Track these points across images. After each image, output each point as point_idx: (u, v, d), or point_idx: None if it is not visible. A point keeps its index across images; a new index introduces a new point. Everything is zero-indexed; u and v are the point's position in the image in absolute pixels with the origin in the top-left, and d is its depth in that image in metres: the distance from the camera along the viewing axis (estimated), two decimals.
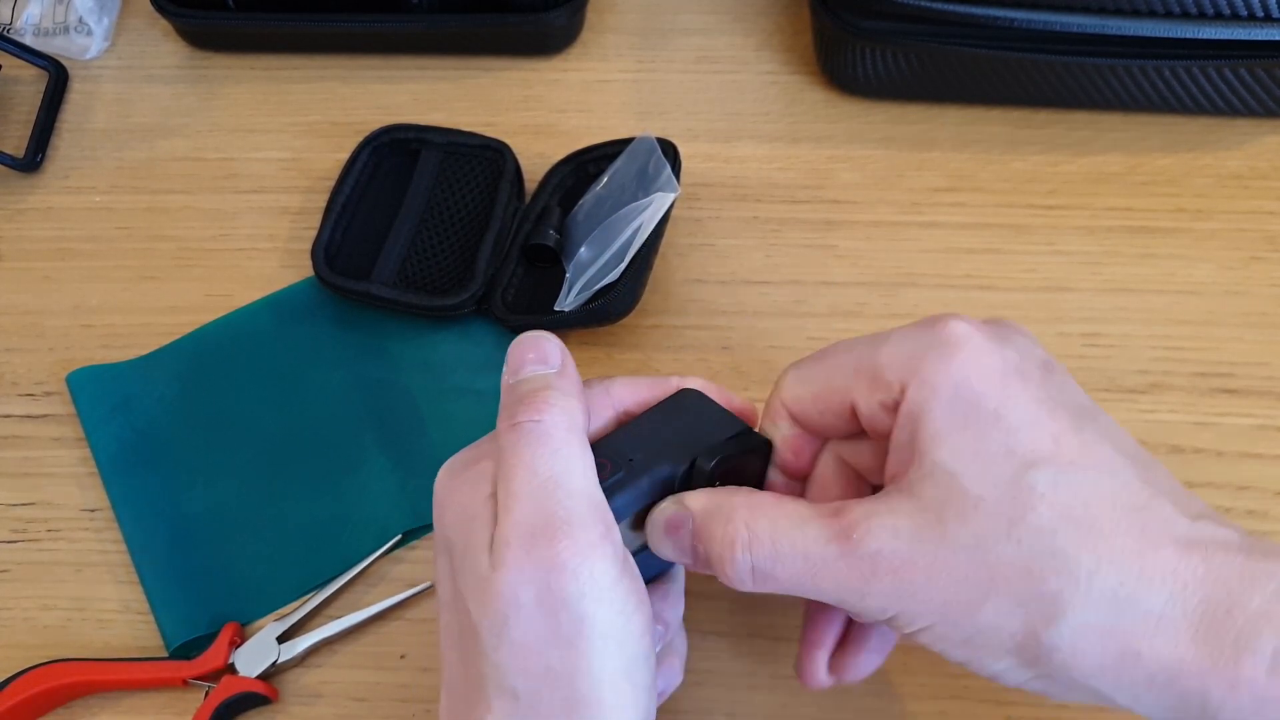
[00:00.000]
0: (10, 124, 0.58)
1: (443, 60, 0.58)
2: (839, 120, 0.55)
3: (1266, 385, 0.47)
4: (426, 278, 0.51)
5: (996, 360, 0.30)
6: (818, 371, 0.34)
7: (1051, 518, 0.28)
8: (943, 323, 0.31)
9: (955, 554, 0.29)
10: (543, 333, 0.34)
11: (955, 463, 0.29)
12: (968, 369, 0.30)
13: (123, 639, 0.45)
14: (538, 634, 0.30)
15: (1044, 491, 0.28)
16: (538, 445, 0.31)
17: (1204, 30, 0.48)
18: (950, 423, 0.30)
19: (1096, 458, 0.29)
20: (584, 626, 0.29)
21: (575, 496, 0.31)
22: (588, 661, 0.30)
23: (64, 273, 0.53)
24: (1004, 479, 0.29)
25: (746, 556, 0.31)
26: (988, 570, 0.28)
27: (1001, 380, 0.30)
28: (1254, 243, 0.51)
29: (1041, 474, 0.29)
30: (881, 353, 0.32)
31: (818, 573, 0.30)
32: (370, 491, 0.47)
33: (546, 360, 0.33)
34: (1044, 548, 0.28)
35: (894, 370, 0.31)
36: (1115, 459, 0.30)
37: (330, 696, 0.43)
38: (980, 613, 0.29)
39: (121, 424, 0.49)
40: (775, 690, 0.42)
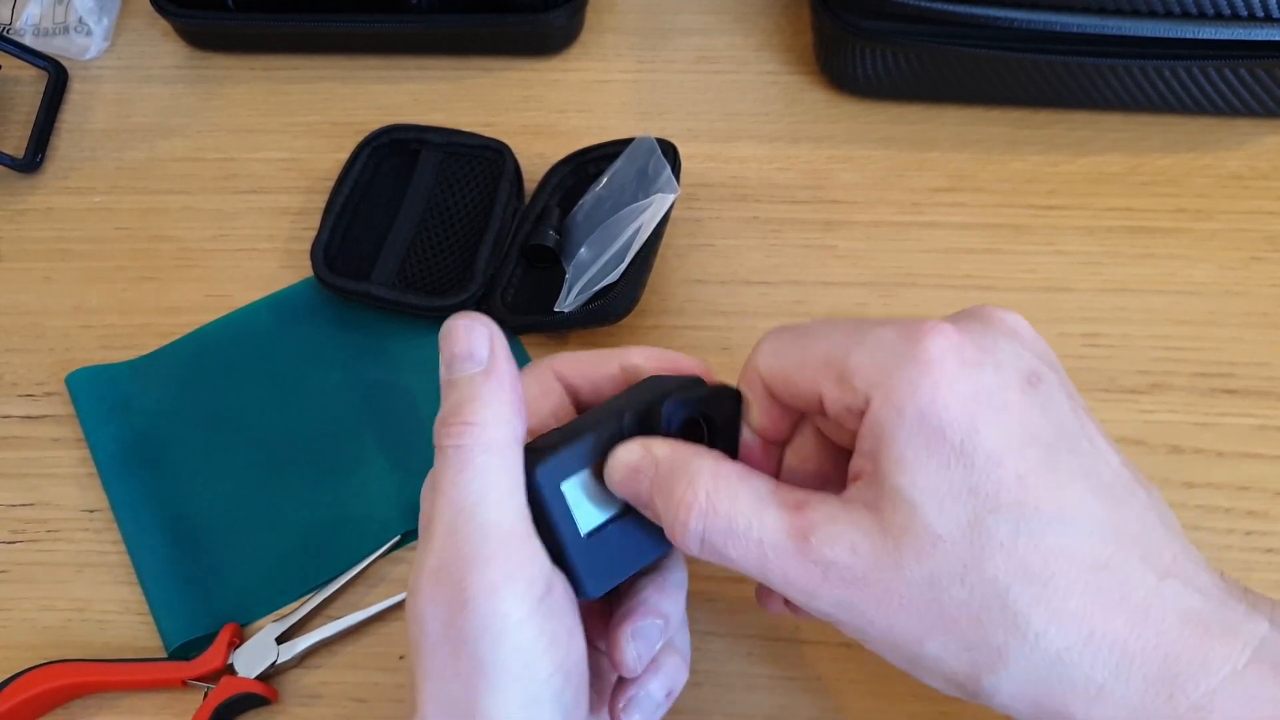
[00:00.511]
0: (10, 124, 0.58)
1: (442, 60, 0.58)
2: (839, 120, 0.55)
3: (1266, 385, 0.47)
4: (426, 278, 0.51)
5: (969, 387, 0.28)
6: (793, 352, 0.32)
7: (1007, 570, 0.27)
8: (919, 336, 0.29)
9: (908, 587, 0.28)
10: (470, 320, 0.32)
11: (916, 493, 0.28)
12: (936, 395, 0.28)
13: (122, 640, 0.45)
14: (442, 665, 0.30)
15: (1003, 540, 0.27)
16: (455, 472, 0.30)
17: (1204, 30, 0.48)
18: (914, 450, 0.28)
19: (1064, 501, 0.28)
20: (481, 665, 0.29)
21: (486, 529, 0.30)
22: (484, 699, 0.29)
23: (64, 273, 0.53)
24: (964, 521, 0.27)
25: (699, 525, 0.30)
26: (938, 609, 0.28)
27: (971, 409, 0.28)
28: (1254, 243, 0.51)
29: (1003, 521, 0.27)
30: (853, 356, 0.30)
31: (769, 562, 0.29)
32: (370, 492, 0.47)
33: (473, 355, 0.31)
34: (996, 600, 0.27)
35: (862, 378, 0.29)
36: (1085, 502, 0.28)
37: (330, 697, 0.43)
38: (925, 645, 0.28)
39: (121, 424, 0.49)
40: (774, 690, 0.42)
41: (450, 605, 0.30)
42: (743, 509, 0.30)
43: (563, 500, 0.32)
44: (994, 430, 0.28)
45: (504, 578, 0.30)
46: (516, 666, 0.30)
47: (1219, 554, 0.44)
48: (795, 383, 0.32)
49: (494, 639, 0.29)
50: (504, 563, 0.30)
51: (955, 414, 0.28)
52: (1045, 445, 0.28)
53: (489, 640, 0.29)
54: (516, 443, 0.31)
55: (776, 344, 0.33)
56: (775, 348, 0.33)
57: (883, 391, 0.29)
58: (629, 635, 0.33)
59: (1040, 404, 0.29)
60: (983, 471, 0.27)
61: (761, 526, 0.29)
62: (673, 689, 0.36)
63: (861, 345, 0.30)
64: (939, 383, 0.28)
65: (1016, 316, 0.31)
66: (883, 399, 0.29)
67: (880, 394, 0.29)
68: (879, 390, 0.29)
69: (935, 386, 0.28)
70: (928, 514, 0.28)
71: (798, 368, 0.31)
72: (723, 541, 0.30)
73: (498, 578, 0.30)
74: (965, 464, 0.27)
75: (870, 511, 0.29)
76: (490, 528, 0.30)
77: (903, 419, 0.28)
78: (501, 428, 0.31)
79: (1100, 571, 0.27)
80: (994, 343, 0.29)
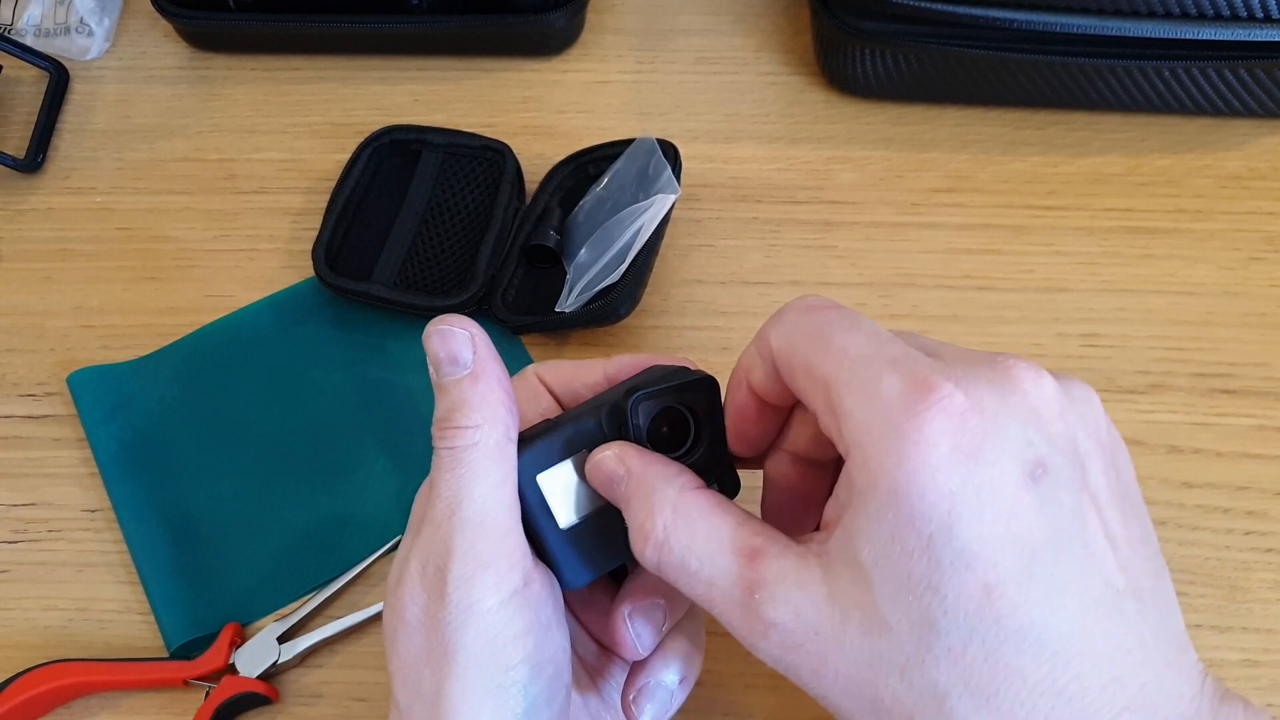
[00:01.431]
0: (11, 125, 0.58)
1: (443, 61, 0.58)
2: (839, 121, 0.56)
3: (1266, 385, 0.47)
4: (427, 278, 0.51)
5: (956, 479, 0.25)
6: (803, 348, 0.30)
7: (950, 677, 0.25)
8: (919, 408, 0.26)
9: (846, 663, 0.27)
10: (452, 324, 0.32)
11: (875, 573, 0.26)
12: (916, 481, 0.25)
13: (123, 639, 0.45)
14: (416, 652, 0.31)
15: (951, 645, 0.25)
16: (446, 471, 0.31)
17: (1204, 31, 0.48)
18: (881, 528, 0.26)
19: (1030, 617, 0.25)
20: (452, 651, 0.30)
21: (468, 522, 0.31)
22: (450, 685, 0.30)
23: (65, 273, 0.54)
24: (916, 615, 0.25)
25: (654, 556, 0.30)
26: (872, 692, 0.26)
27: (951, 504, 0.25)
28: (1253, 243, 0.51)
29: (956, 626, 0.25)
30: (846, 399, 0.27)
31: (714, 605, 0.29)
32: (370, 492, 0.47)
33: (457, 359, 0.32)
34: (934, 702, 0.26)
35: (849, 428, 0.27)
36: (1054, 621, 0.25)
37: (330, 697, 0.43)
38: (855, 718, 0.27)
39: (122, 424, 0.49)
40: (774, 690, 0.42)
41: (429, 594, 0.31)
42: (697, 549, 0.29)
43: (538, 492, 0.33)
44: (971, 530, 0.25)
45: (479, 568, 0.30)
46: (484, 655, 0.30)
47: (1218, 554, 0.44)
48: (796, 380, 0.30)
49: (463, 627, 0.30)
50: (481, 554, 0.31)
51: (932, 504, 0.25)
52: (1028, 552, 0.25)
53: (459, 628, 0.30)
54: (509, 440, 0.32)
55: (794, 329, 0.30)
56: (790, 332, 0.30)
57: (863, 455, 0.26)
58: (626, 616, 0.33)
59: (1038, 501, 0.26)
60: (949, 571, 0.25)
61: (713, 570, 0.29)
62: (686, 675, 0.35)
63: (862, 390, 0.27)
64: (923, 468, 0.25)
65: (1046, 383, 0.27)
66: (861, 463, 0.26)
67: (860, 457, 0.26)
68: (859, 452, 0.27)
69: (918, 472, 0.25)
70: (881, 597, 0.26)
71: (803, 370, 0.29)
72: (674, 575, 0.30)
73: (473, 568, 0.30)
74: (931, 559, 0.25)
75: (824, 574, 0.27)
76: (471, 521, 0.31)
77: (875, 492, 0.26)
78: (494, 427, 0.31)
79: (1054, 696, 0.25)
80: (1002, 426, 0.26)
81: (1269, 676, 0.42)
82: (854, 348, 0.28)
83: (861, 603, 0.26)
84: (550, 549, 0.33)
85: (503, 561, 0.31)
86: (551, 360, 0.37)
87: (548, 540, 0.33)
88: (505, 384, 0.32)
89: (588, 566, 0.33)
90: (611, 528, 0.33)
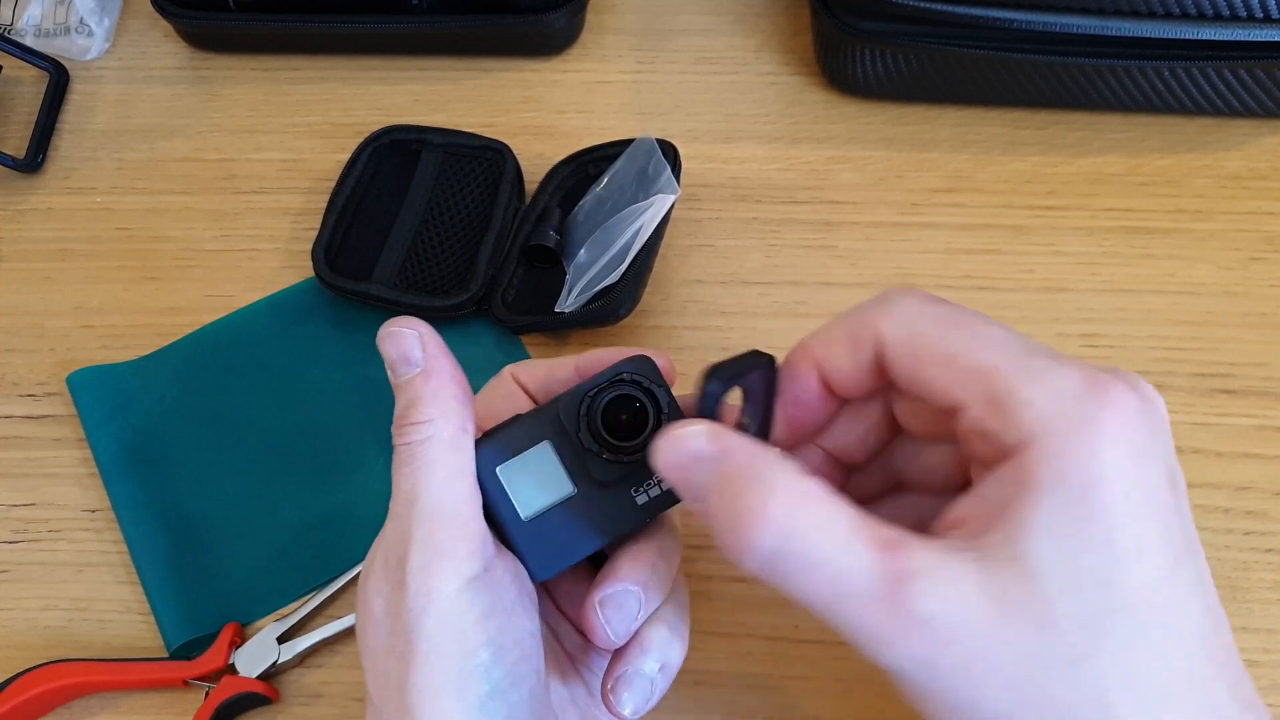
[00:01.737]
0: (11, 125, 0.58)
1: (443, 61, 0.58)
2: (838, 121, 0.56)
3: (1266, 385, 0.47)
4: (427, 278, 0.51)
5: (1138, 474, 0.26)
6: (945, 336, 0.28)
7: (1116, 671, 0.25)
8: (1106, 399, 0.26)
9: (1006, 661, 0.25)
10: (402, 325, 0.33)
11: (1048, 567, 0.25)
12: (1109, 474, 0.25)
13: (123, 639, 0.45)
14: (383, 643, 0.31)
15: (1122, 640, 0.25)
16: (404, 466, 0.32)
17: (1204, 31, 0.48)
18: (1062, 522, 0.25)
19: (1182, 614, 0.26)
20: (414, 639, 0.30)
21: (425, 513, 0.31)
22: (414, 672, 0.30)
23: (65, 273, 0.54)
24: (1089, 610, 0.25)
25: (770, 543, 0.27)
26: (1032, 690, 0.25)
27: (1133, 499, 0.25)
28: (1253, 243, 0.51)
29: (1126, 621, 0.25)
30: (1025, 388, 0.26)
31: (844, 603, 0.26)
32: (370, 492, 0.47)
33: (408, 359, 0.32)
34: (1097, 699, 0.25)
35: (1030, 418, 0.26)
36: (1194, 619, 0.26)
37: (331, 697, 0.43)
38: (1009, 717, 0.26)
39: (122, 424, 0.49)
40: (774, 690, 0.42)
41: (391, 585, 0.31)
42: (826, 538, 0.26)
43: (498, 483, 0.33)
44: (1145, 526, 0.26)
45: (436, 556, 0.31)
46: (444, 639, 0.30)
47: (1218, 554, 0.44)
48: (926, 369, 0.28)
49: (424, 613, 0.30)
50: (439, 544, 0.31)
51: (1118, 499, 0.25)
52: (1176, 552, 0.26)
53: (420, 614, 0.30)
54: (464, 433, 0.32)
55: (922, 317, 0.29)
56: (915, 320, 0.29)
57: (1050, 446, 0.26)
58: (597, 602, 0.33)
59: (1178, 507, 0.27)
60: (1124, 567, 0.25)
61: (847, 563, 0.26)
62: (666, 663, 0.34)
63: (1039, 380, 0.26)
64: (1116, 462, 0.25)
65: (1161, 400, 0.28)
66: (1047, 454, 0.26)
67: (1045, 447, 0.26)
68: (1046, 442, 0.26)
69: (1111, 465, 0.25)
70: (1053, 592, 0.25)
71: (943, 360, 0.28)
72: (794, 568, 0.27)
73: (431, 556, 0.31)
74: (1110, 554, 0.25)
75: (979, 566, 0.26)
76: (428, 512, 0.31)
77: (1063, 485, 0.25)
78: (446, 421, 0.32)
79: (1198, 690, 0.26)
80: (1156, 430, 0.27)
81: (1269, 676, 0.42)
82: (1008, 339, 0.28)
83: (1027, 596, 0.25)
84: (513, 540, 0.33)
85: (461, 548, 0.31)
86: (526, 360, 0.37)
87: (510, 531, 0.33)
88: (458, 380, 0.33)
89: (554, 557, 0.33)
90: (577, 520, 0.33)
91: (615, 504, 0.33)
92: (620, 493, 0.33)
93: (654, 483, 0.33)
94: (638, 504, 0.33)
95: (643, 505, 0.33)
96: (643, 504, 0.33)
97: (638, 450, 0.33)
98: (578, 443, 0.33)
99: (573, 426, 0.33)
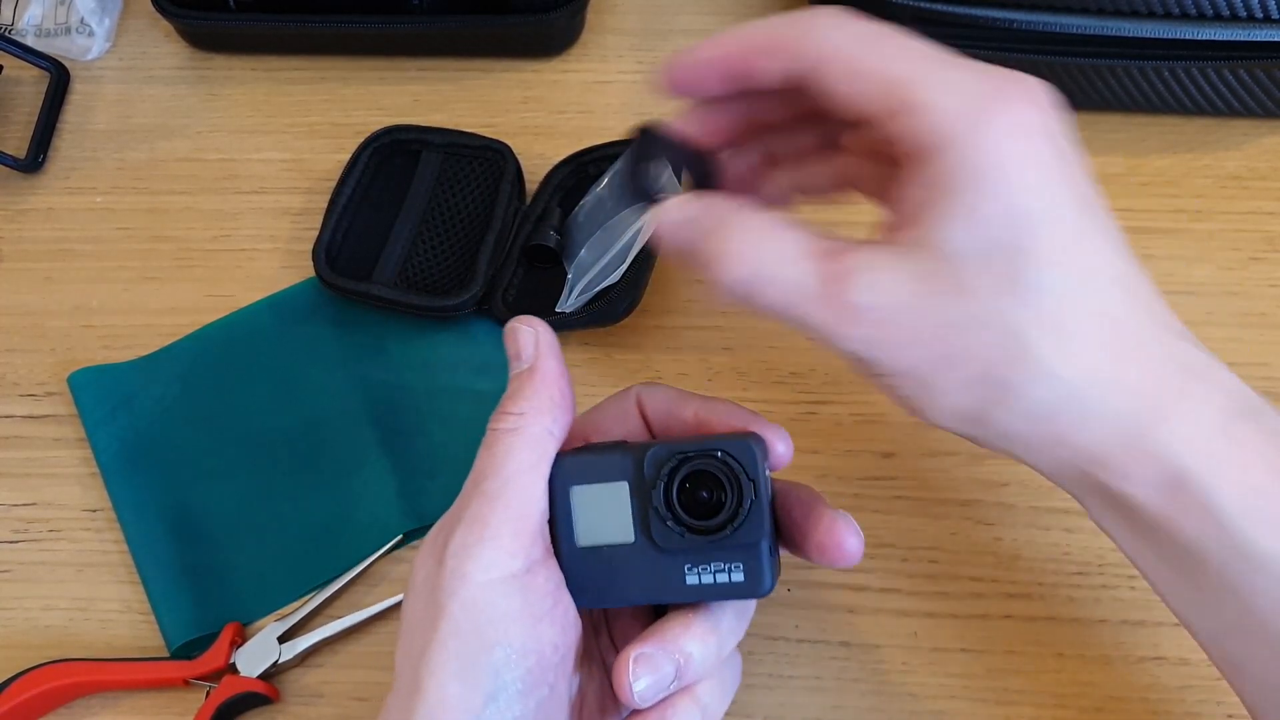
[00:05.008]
0: (11, 125, 0.58)
1: (443, 61, 0.58)
2: None
3: (1266, 385, 0.47)
4: (427, 278, 0.51)
5: (1048, 154, 0.29)
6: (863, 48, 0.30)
7: (1032, 321, 0.29)
8: (1010, 94, 0.29)
9: (937, 328, 0.29)
10: (518, 324, 0.35)
11: (963, 246, 0.29)
12: (1010, 154, 0.28)
13: (124, 639, 0.45)
14: (415, 615, 0.32)
15: (1037, 293, 0.28)
16: (485, 449, 0.33)
17: (1204, 31, 0.48)
18: (972, 206, 0.28)
19: (1092, 265, 0.29)
20: (439, 617, 0.31)
21: (485, 496, 0.32)
22: (433, 649, 0.31)
23: (65, 273, 0.54)
24: (1001, 275, 0.28)
25: (737, 270, 0.31)
26: (962, 349, 0.29)
27: (1030, 172, 0.28)
28: (1253, 243, 0.51)
29: (1038, 278, 0.28)
30: (932, 92, 0.29)
31: (801, 308, 0.30)
32: (371, 491, 0.47)
33: (520, 355, 0.34)
34: (1016, 344, 0.29)
35: (936, 121, 0.29)
36: (1110, 267, 0.30)
37: (331, 696, 0.43)
38: (941, 381, 0.30)
39: (122, 424, 0.49)
40: (773, 690, 0.42)
41: (435, 559, 0.32)
42: (780, 260, 0.30)
43: (568, 503, 0.33)
44: (1046, 197, 0.29)
45: (479, 540, 0.31)
46: (465, 626, 0.30)
47: None
48: (845, 79, 0.30)
49: (453, 595, 0.31)
50: (487, 527, 0.31)
51: (1018, 178, 0.28)
52: (1080, 214, 0.29)
53: (449, 595, 0.31)
54: (548, 434, 0.33)
55: (845, 32, 0.31)
56: (841, 33, 0.31)
57: (959, 148, 0.28)
58: (631, 658, 0.32)
59: (1076, 178, 0.30)
60: (1031, 232, 0.28)
61: (795, 273, 0.30)
62: None
63: (943, 83, 0.29)
64: (1013, 148, 0.28)
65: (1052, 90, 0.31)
66: (957, 156, 0.28)
67: (955, 150, 0.28)
68: (954, 145, 0.28)
69: (1009, 151, 0.28)
70: (968, 267, 0.29)
71: (866, 71, 0.30)
72: (759, 289, 0.31)
73: (474, 540, 0.31)
74: (1015, 226, 0.28)
75: (907, 256, 0.29)
76: (489, 494, 0.32)
77: (969, 177, 0.28)
78: (537, 418, 0.33)
79: (1118, 325, 0.29)
80: (1049, 115, 0.30)
81: None
82: (923, 49, 0.30)
83: (945, 273, 0.29)
84: (563, 560, 0.33)
85: (506, 539, 0.31)
86: (655, 384, 0.37)
87: (563, 550, 0.33)
88: (559, 383, 0.34)
89: (594, 594, 0.33)
90: (625, 569, 0.33)
91: (667, 572, 0.32)
92: (674, 564, 0.32)
93: (711, 569, 0.32)
94: (687, 583, 0.32)
95: (691, 586, 0.32)
96: (692, 585, 0.32)
97: (703, 532, 0.32)
98: (649, 499, 0.32)
99: (651, 482, 0.32)
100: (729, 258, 0.31)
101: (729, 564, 0.32)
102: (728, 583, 0.32)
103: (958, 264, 0.29)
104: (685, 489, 0.32)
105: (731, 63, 0.32)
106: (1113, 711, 0.41)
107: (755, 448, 0.32)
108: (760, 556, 0.32)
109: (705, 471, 0.32)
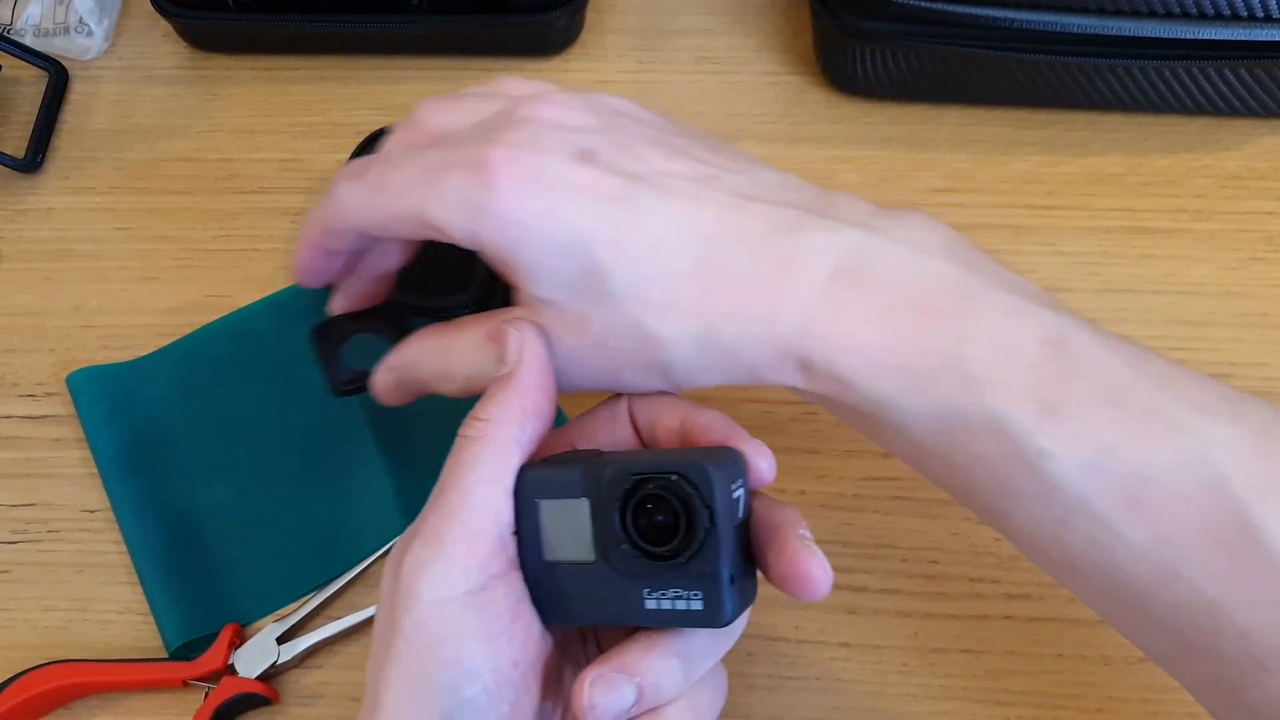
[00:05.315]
0: (10, 125, 0.58)
1: (443, 61, 0.58)
2: (839, 121, 0.55)
3: (1266, 385, 0.47)
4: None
5: (540, 195, 0.32)
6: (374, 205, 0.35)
7: (635, 310, 0.32)
8: (487, 174, 0.32)
9: (585, 351, 0.33)
10: (510, 326, 0.34)
11: (555, 295, 0.33)
12: (525, 223, 0.32)
13: (123, 640, 0.45)
14: (378, 629, 0.32)
15: (622, 294, 0.32)
16: (451, 456, 0.32)
17: (1204, 31, 0.48)
18: (533, 266, 0.33)
19: (653, 238, 0.32)
20: (394, 635, 0.30)
21: (445, 508, 0.31)
22: (386, 669, 0.30)
23: (64, 273, 0.54)
24: (592, 297, 0.32)
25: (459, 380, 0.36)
26: (616, 357, 0.33)
27: (553, 210, 0.32)
28: (1253, 243, 0.51)
29: (613, 281, 0.32)
30: (435, 211, 0.33)
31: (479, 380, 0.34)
32: (370, 492, 0.47)
33: (504, 359, 0.33)
34: (637, 333, 0.33)
35: (458, 230, 0.33)
36: (669, 228, 0.32)
37: (330, 697, 0.43)
38: (622, 376, 0.34)
39: (122, 425, 0.49)
40: (773, 690, 0.42)
41: (393, 572, 0.31)
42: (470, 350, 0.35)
43: (535, 517, 0.31)
44: (578, 217, 0.32)
45: (433, 558, 0.30)
46: (417, 644, 0.30)
47: None
48: (375, 226, 0.35)
49: (406, 611, 0.30)
50: (442, 543, 0.30)
51: (544, 223, 0.32)
52: (619, 199, 0.32)
53: (403, 612, 0.30)
54: (514, 443, 0.32)
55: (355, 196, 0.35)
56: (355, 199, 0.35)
57: (481, 239, 0.33)
58: (588, 680, 0.31)
59: (604, 169, 0.33)
60: (586, 254, 0.32)
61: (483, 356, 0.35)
62: None
63: (440, 198, 0.33)
64: (521, 211, 0.32)
65: (558, 95, 0.36)
66: (487, 243, 0.33)
67: (481, 240, 0.33)
68: (476, 239, 0.33)
69: (521, 215, 0.32)
70: (566, 305, 0.33)
71: (387, 221, 0.35)
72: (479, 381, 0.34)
73: (429, 556, 0.30)
74: (574, 256, 0.32)
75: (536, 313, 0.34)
76: (447, 508, 0.31)
77: (515, 247, 0.32)
78: (504, 426, 0.32)
79: (708, 271, 0.32)
80: (537, 139, 0.33)
81: None
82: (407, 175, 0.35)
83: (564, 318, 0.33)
84: (529, 575, 0.32)
85: (460, 557, 0.30)
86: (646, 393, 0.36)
87: (529, 564, 0.32)
88: (534, 393, 0.33)
89: (562, 612, 0.32)
90: (588, 589, 0.31)
91: (626, 595, 0.31)
92: (633, 588, 0.31)
93: (670, 595, 0.30)
94: (646, 607, 0.31)
95: (650, 610, 0.31)
96: (651, 609, 0.31)
97: (657, 558, 0.30)
98: (607, 519, 0.31)
99: (609, 501, 0.31)
100: (447, 374, 0.36)
101: (687, 592, 0.30)
102: (686, 610, 0.30)
103: (562, 307, 0.33)
104: (646, 509, 0.30)
105: (320, 248, 0.37)
106: (1113, 711, 0.41)
107: (716, 472, 0.30)
108: (720, 586, 0.30)
109: (658, 499, 0.30)
